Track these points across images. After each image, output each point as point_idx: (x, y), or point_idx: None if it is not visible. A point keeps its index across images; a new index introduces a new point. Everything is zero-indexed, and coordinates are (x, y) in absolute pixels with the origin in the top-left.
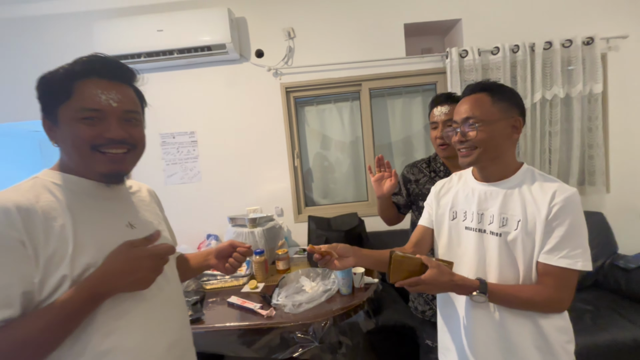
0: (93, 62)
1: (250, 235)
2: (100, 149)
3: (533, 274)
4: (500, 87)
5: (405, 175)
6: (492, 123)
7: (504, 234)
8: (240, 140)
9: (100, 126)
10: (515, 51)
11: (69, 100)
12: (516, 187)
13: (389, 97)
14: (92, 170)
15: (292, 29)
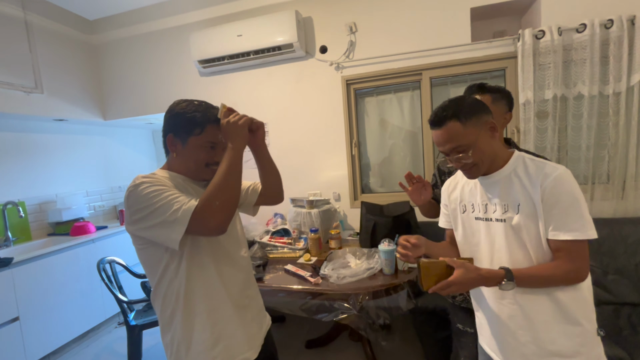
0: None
1: (307, 215)
2: (210, 166)
3: (545, 252)
4: (460, 106)
5: (440, 168)
6: (474, 143)
7: (507, 220)
8: (304, 131)
9: (213, 152)
10: (609, 27)
11: (201, 135)
12: (511, 174)
13: (452, 85)
14: (200, 177)
15: (355, 23)
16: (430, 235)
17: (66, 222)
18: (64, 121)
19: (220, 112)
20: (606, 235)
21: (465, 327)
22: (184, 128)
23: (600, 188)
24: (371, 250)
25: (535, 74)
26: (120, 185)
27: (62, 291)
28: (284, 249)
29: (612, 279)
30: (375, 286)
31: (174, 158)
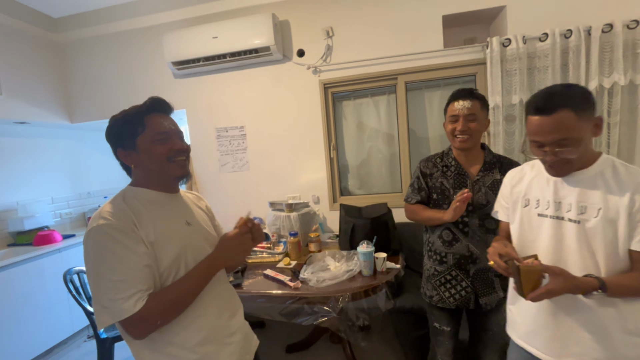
0: (154, 102)
1: (286, 218)
2: (172, 159)
3: (617, 261)
4: (576, 94)
5: (422, 170)
6: (582, 138)
7: (582, 222)
8: (282, 134)
9: (168, 143)
10: (568, 36)
11: (145, 131)
12: (596, 176)
13: (427, 89)
14: (169, 176)
15: (331, 28)
16: (407, 236)
17: (29, 232)
18: (26, 124)
19: (244, 218)
20: None
21: (442, 325)
22: (126, 134)
23: None
24: (350, 252)
25: (503, 79)
26: (90, 191)
27: (25, 305)
28: (263, 253)
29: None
30: (355, 288)
31: (136, 170)
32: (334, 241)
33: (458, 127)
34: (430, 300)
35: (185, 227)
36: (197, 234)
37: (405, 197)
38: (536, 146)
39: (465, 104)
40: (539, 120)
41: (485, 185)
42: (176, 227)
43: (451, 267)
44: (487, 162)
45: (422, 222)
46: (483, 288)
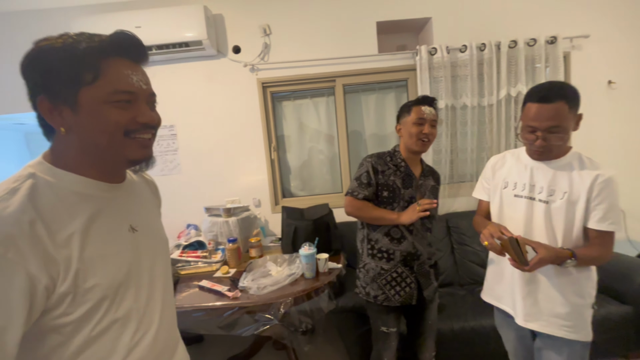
0: (122, 39)
1: (224, 224)
2: (133, 134)
3: (573, 237)
4: (570, 91)
5: (374, 166)
6: (569, 128)
7: (550, 202)
8: (219, 134)
9: (132, 110)
10: (482, 49)
11: (98, 81)
12: (566, 166)
13: (363, 92)
14: (121, 159)
15: (268, 25)
16: (348, 234)
17: None
18: None
19: None
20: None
21: (389, 328)
22: (62, 77)
23: None
24: (292, 255)
25: (431, 85)
26: None
27: None
28: (198, 263)
29: None
30: (297, 292)
31: (65, 140)
32: (277, 245)
33: (424, 130)
34: (375, 300)
35: (129, 235)
36: (144, 245)
37: (350, 190)
38: (530, 131)
39: (432, 111)
40: (538, 108)
41: (427, 189)
42: (115, 238)
43: (397, 264)
44: (424, 169)
45: (366, 221)
46: (424, 281)
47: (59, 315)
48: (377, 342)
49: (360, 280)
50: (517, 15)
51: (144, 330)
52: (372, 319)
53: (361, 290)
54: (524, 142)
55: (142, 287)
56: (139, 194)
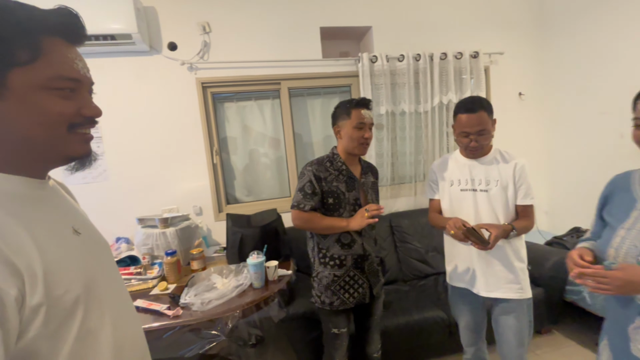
0: (68, 17)
1: (161, 236)
2: (76, 128)
3: (509, 213)
4: (487, 103)
5: (316, 174)
6: (491, 131)
7: (488, 191)
8: (153, 137)
9: (76, 100)
10: (418, 59)
11: (34, 63)
12: (492, 160)
13: (309, 96)
14: (61, 155)
15: (208, 23)
16: (297, 239)
17: None
18: None
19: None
20: (425, 222)
21: (340, 329)
22: None
23: (420, 185)
24: (239, 265)
25: (373, 92)
26: None
27: None
28: (132, 281)
29: (431, 255)
30: (245, 304)
31: None
32: (221, 255)
33: (366, 134)
34: (331, 307)
35: (75, 239)
36: (91, 249)
37: (295, 203)
38: (464, 136)
39: (371, 114)
40: (468, 117)
41: (369, 187)
42: (64, 241)
43: (349, 268)
44: (363, 167)
45: (316, 231)
46: (374, 279)
47: (35, 337)
48: (329, 344)
49: (314, 289)
50: (447, 30)
51: (122, 335)
52: (323, 322)
53: (317, 300)
54: (460, 145)
55: (105, 294)
56: (62, 195)
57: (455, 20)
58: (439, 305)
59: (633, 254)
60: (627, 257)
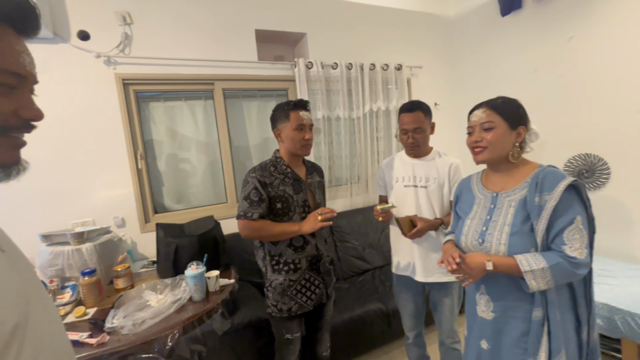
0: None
1: (75, 253)
2: (11, 130)
3: (444, 208)
4: (425, 105)
5: (260, 180)
6: (427, 130)
7: (428, 187)
8: (60, 139)
9: (15, 99)
10: (350, 68)
11: None
12: (431, 160)
13: (244, 99)
14: None
15: (129, 13)
16: (237, 247)
17: None
18: None
19: None
20: (361, 220)
21: (294, 334)
22: None
23: (355, 186)
24: (176, 279)
25: (310, 96)
26: None
27: None
28: None
29: (368, 252)
30: (186, 319)
31: None
32: (150, 270)
33: (306, 135)
34: (289, 313)
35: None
36: (19, 268)
37: (242, 213)
38: (403, 133)
39: (309, 116)
40: (406, 116)
41: (315, 187)
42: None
43: (305, 271)
44: (308, 167)
45: (268, 240)
46: (328, 279)
47: None
48: (281, 350)
49: (269, 299)
50: (375, 43)
51: None
52: (276, 329)
53: (273, 309)
54: (402, 142)
55: (42, 323)
56: None
57: (382, 35)
58: (378, 298)
59: (475, 237)
60: (472, 240)
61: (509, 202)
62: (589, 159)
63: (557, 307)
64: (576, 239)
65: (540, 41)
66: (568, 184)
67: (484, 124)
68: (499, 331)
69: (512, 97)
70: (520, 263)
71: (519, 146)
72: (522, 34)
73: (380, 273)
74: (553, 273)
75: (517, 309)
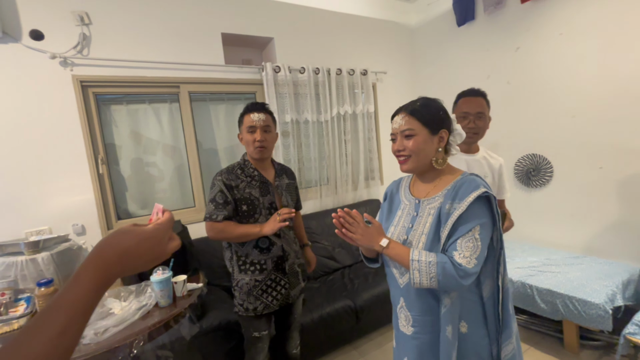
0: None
1: (30, 263)
2: None
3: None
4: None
5: (226, 182)
6: (487, 116)
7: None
8: (11, 143)
9: None
10: (317, 73)
11: None
12: (482, 157)
13: (212, 102)
14: None
15: (87, 13)
16: (205, 251)
17: None
18: None
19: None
20: (331, 221)
21: (261, 332)
22: None
23: (325, 188)
24: (141, 285)
25: (278, 100)
26: None
27: None
28: None
29: (337, 251)
30: (151, 325)
31: None
32: None
33: (257, 137)
34: (255, 312)
35: None
36: None
37: (207, 215)
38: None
39: (261, 117)
40: (469, 100)
41: (284, 189)
42: None
43: (270, 271)
44: (277, 169)
45: (232, 240)
46: (294, 280)
47: None
48: (250, 349)
49: (236, 298)
50: (342, 49)
51: None
52: (244, 328)
53: (239, 309)
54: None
55: None
56: None
57: (348, 41)
58: (347, 295)
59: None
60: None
61: (429, 210)
62: (535, 159)
63: (467, 320)
64: (468, 247)
65: (491, 50)
66: (478, 195)
67: (404, 131)
68: (418, 347)
69: (431, 99)
70: (411, 252)
71: (443, 151)
72: (476, 43)
73: (350, 271)
74: (438, 271)
75: (432, 324)
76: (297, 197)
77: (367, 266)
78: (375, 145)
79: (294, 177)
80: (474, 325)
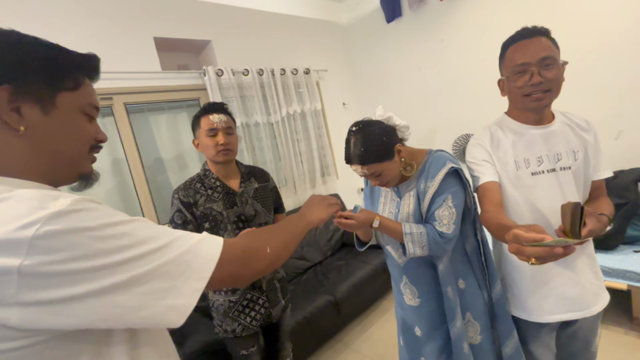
0: (94, 62)
1: None
2: (93, 150)
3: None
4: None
5: (183, 200)
6: (559, 62)
7: (572, 166)
8: None
9: (94, 126)
10: (261, 74)
11: (76, 91)
12: (564, 125)
13: (150, 112)
14: (75, 172)
15: None
16: None
17: None
18: None
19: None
20: None
21: (249, 349)
22: (43, 75)
23: (284, 189)
24: None
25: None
26: None
27: None
28: None
29: (306, 250)
30: None
31: (15, 139)
32: None
33: (220, 140)
34: (234, 334)
35: None
36: None
37: None
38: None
39: (222, 118)
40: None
41: (250, 196)
42: None
43: (245, 291)
44: (243, 173)
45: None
46: (273, 298)
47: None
48: None
49: (215, 319)
50: (282, 49)
51: None
52: (230, 347)
53: (219, 330)
54: (517, 92)
55: None
56: None
57: (288, 40)
58: (324, 291)
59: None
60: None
61: (409, 193)
62: (469, 138)
63: (463, 277)
64: (445, 215)
65: (419, 43)
66: (447, 171)
67: (370, 175)
68: (427, 314)
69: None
70: (403, 226)
71: (404, 161)
72: (405, 37)
73: (321, 267)
74: (428, 239)
75: (435, 290)
76: (275, 199)
77: (352, 253)
78: (327, 142)
79: (266, 179)
80: (469, 279)
